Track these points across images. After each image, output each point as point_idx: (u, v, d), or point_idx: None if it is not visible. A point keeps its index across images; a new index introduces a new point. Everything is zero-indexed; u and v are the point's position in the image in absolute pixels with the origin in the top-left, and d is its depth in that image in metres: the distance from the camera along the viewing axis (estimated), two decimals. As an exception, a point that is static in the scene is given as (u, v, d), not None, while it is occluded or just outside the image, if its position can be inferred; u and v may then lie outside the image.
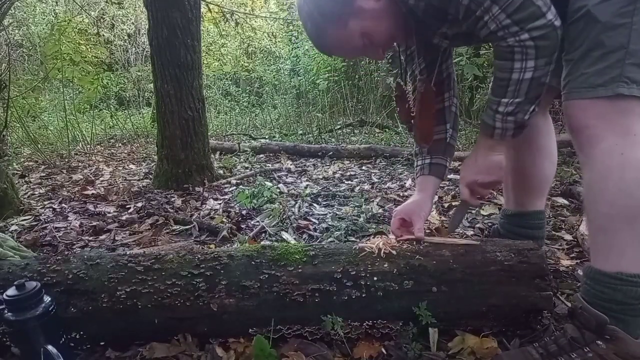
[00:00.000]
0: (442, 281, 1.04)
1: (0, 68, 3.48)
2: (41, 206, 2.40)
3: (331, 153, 3.70)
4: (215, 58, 8.34)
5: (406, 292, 1.03)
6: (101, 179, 3.11)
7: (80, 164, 3.76)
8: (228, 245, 1.75)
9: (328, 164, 3.47)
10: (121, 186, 2.74)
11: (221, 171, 3.10)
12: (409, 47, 1.26)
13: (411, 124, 1.26)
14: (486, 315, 1.05)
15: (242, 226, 1.96)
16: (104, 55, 8.16)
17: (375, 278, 1.04)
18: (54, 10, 7.74)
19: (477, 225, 1.84)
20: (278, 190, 2.49)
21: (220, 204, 2.34)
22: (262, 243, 1.51)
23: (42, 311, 0.93)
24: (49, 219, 2.15)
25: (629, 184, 0.84)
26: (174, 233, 1.92)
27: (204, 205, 2.36)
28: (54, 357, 0.91)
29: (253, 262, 1.07)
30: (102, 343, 1.05)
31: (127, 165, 3.76)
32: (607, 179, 0.86)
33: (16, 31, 6.79)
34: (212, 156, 3.21)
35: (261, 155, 3.97)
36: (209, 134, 2.98)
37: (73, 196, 2.59)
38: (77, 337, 1.01)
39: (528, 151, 1.27)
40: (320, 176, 3.03)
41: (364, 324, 1.03)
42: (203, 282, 1.04)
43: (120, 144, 5.19)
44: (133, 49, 8.56)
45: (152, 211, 2.19)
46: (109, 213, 2.24)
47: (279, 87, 8.03)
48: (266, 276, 1.04)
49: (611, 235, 0.87)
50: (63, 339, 0.98)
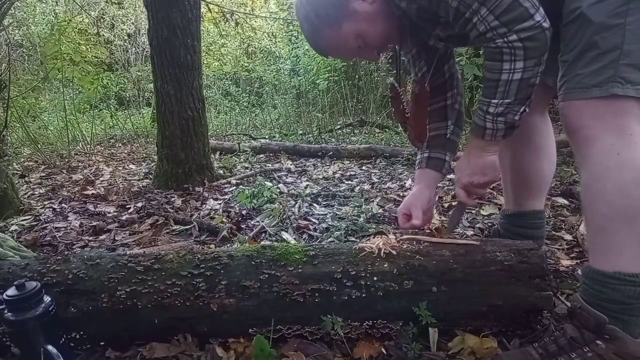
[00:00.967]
0: (442, 281, 1.04)
1: (0, 68, 3.48)
2: (41, 206, 2.40)
3: (331, 153, 3.70)
4: (215, 58, 8.34)
5: (406, 292, 1.03)
6: (101, 179, 3.11)
7: (80, 164, 3.76)
8: (228, 245, 1.75)
9: (328, 164, 3.47)
10: (121, 186, 2.74)
11: (221, 171, 3.10)
12: (409, 50, 1.26)
13: (406, 124, 1.28)
14: (486, 315, 1.05)
15: (242, 226, 1.96)
16: (104, 55, 8.16)
17: (375, 278, 1.04)
18: (54, 10, 7.74)
19: (477, 225, 1.84)
20: (278, 190, 2.49)
21: (220, 204, 2.34)
22: (262, 243, 1.51)
23: (42, 311, 0.93)
24: (49, 219, 2.15)
25: (627, 184, 0.84)
26: (174, 233, 1.92)
27: (204, 205, 2.36)
28: (54, 357, 0.91)
29: (253, 262, 1.07)
30: (102, 343, 1.05)
31: (127, 165, 3.76)
32: (605, 180, 0.86)
33: (16, 31, 6.79)
34: (212, 156, 3.21)
35: (261, 155, 3.97)
36: (209, 134, 2.98)
37: (73, 196, 2.59)
38: (77, 337, 1.01)
39: (527, 151, 1.28)
40: (320, 176, 3.03)
41: (364, 324, 1.03)
42: (203, 282, 1.04)
43: (120, 144, 5.19)
44: (133, 49, 8.56)
45: (152, 211, 2.19)
46: (109, 213, 2.24)
47: (279, 87, 8.04)
48: (266, 276, 1.04)
49: (610, 235, 0.87)
50: (63, 339, 0.98)
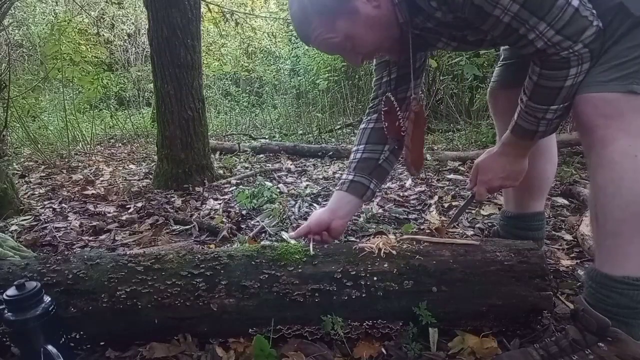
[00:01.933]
0: (442, 281, 1.04)
1: (0, 68, 3.48)
2: (41, 206, 2.40)
3: (331, 153, 3.70)
4: (215, 58, 8.34)
5: (406, 292, 1.03)
6: (101, 179, 3.11)
7: (80, 164, 3.76)
8: (228, 245, 1.75)
9: (328, 164, 3.47)
10: (121, 186, 2.74)
11: (221, 171, 3.10)
12: (397, 59, 1.15)
13: (401, 142, 1.18)
14: (486, 315, 1.05)
15: (242, 226, 1.96)
16: (104, 55, 8.17)
17: (375, 278, 1.04)
18: (54, 10, 7.75)
19: (477, 225, 1.84)
20: (278, 190, 2.49)
21: (220, 204, 2.34)
22: (262, 243, 1.51)
23: (42, 311, 0.92)
24: (49, 219, 2.15)
25: None
26: (174, 233, 1.92)
27: (204, 205, 2.35)
28: (54, 357, 0.91)
29: (253, 262, 1.07)
30: (102, 343, 1.04)
31: (127, 165, 3.76)
32: (620, 184, 0.82)
33: (16, 31, 6.79)
34: (212, 156, 3.21)
35: (261, 155, 3.97)
36: (209, 134, 2.98)
37: (73, 196, 2.59)
38: (77, 337, 1.01)
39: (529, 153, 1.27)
40: (320, 176, 3.03)
41: (364, 324, 1.03)
42: (203, 282, 1.03)
43: (120, 144, 5.19)
44: (133, 49, 8.56)
45: (152, 211, 2.19)
46: (109, 213, 2.24)
47: (279, 87, 8.04)
48: (266, 276, 1.04)
49: (621, 240, 0.84)
50: (63, 339, 0.98)
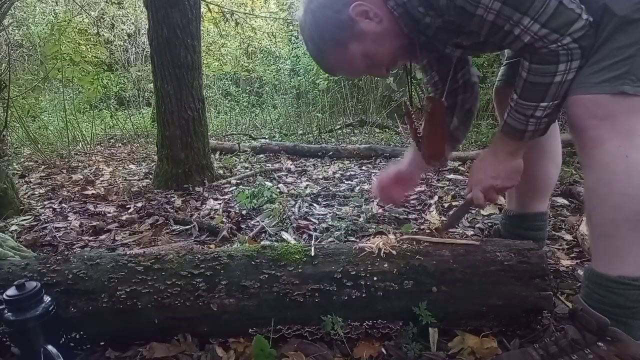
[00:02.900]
0: (442, 281, 1.04)
1: (0, 68, 3.48)
2: (41, 206, 2.40)
3: (331, 153, 3.70)
4: (215, 58, 8.33)
5: (406, 292, 1.03)
6: (101, 179, 3.11)
7: (80, 164, 3.75)
8: (228, 245, 1.75)
9: (328, 164, 3.47)
10: (121, 186, 2.74)
11: (221, 171, 3.10)
12: (419, 63, 1.21)
13: (419, 143, 1.23)
14: (486, 315, 1.05)
15: (242, 226, 1.96)
16: (104, 55, 8.17)
17: (375, 278, 1.04)
18: (54, 10, 7.75)
19: (477, 225, 1.84)
20: (278, 190, 2.49)
21: (220, 204, 2.34)
22: (262, 243, 1.51)
23: (42, 311, 0.92)
24: (49, 219, 2.15)
25: (635, 189, 0.81)
26: (174, 233, 1.92)
27: (204, 205, 2.35)
28: (54, 357, 0.91)
29: (253, 262, 1.07)
30: (102, 343, 1.05)
31: (127, 165, 3.76)
32: (612, 183, 0.83)
33: (16, 31, 6.79)
34: (212, 156, 3.21)
35: (261, 155, 3.96)
36: (209, 134, 2.98)
37: (73, 196, 2.59)
38: (77, 337, 1.01)
39: (532, 153, 1.24)
40: (320, 176, 3.03)
41: (364, 324, 1.03)
42: (203, 282, 1.04)
43: (120, 144, 5.18)
44: (133, 49, 8.55)
45: (152, 211, 2.19)
46: (109, 213, 2.24)
47: (279, 87, 8.04)
48: (266, 276, 1.04)
49: (615, 239, 0.85)
50: (63, 339, 0.98)
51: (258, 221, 2.01)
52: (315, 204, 2.27)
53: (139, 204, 2.35)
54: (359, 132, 5.06)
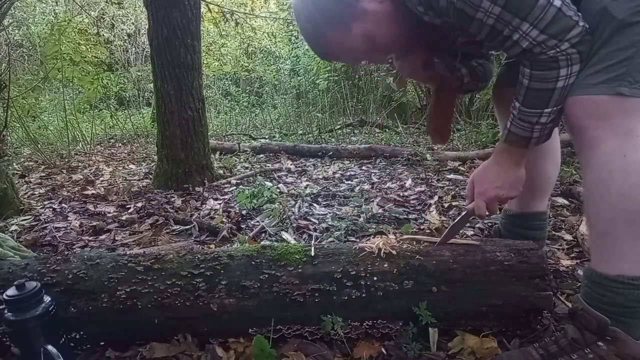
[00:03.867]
0: (442, 281, 1.04)
1: (0, 68, 3.48)
2: (41, 206, 2.40)
3: (331, 153, 3.69)
4: (215, 58, 8.35)
5: (406, 292, 1.03)
6: (101, 179, 3.11)
7: (80, 164, 3.76)
8: (228, 245, 1.75)
9: (328, 164, 3.47)
10: (121, 186, 2.74)
11: (221, 171, 3.10)
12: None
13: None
14: (486, 315, 1.05)
15: (242, 226, 1.96)
16: (104, 55, 8.18)
17: (375, 278, 1.04)
18: (54, 10, 7.75)
19: (477, 225, 1.84)
20: (278, 190, 2.49)
21: (220, 204, 2.34)
22: (262, 243, 1.51)
23: (42, 311, 0.92)
24: (49, 219, 2.15)
25: (632, 189, 0.81)
26: (174, 233, 1.92)
27: (204, 205, 2.35)
28: (54, 357, 0.91)
29: (253, 262, 1.07)
30: (102, 343, 1.05)
31: (127, 165, 3.76)
32: (609, 183, 0.83)
33: (16, 31, 6.79)
34: (212, 156, 3.21)
35: (261, 155, 3.96)
36: (209, 134, 2.98)
37: (73, 196, 2.59)
38: (77, 337, 1.01)
39: (532, 153, 1.26)
40: (320, 176, 3.03)
41: (364, 324, 1.03)
42: (203, 282, 1.04)
43: (120, 144, 5.18)
44: (133, 49, 8.56)
45: (152, 211, 2.19)
46: (109, 213, 2.24)
47: (279, 87, 8.05)
48: (266, 276, 1.04)
49: (612, 239, 0.85)
50: (63, 339, 0.98)
51: (258, 221, 2.01)
52: (315, 204, 2.27)
53: (139, 204, 2.35)
54: (359, 132, 5.07)
